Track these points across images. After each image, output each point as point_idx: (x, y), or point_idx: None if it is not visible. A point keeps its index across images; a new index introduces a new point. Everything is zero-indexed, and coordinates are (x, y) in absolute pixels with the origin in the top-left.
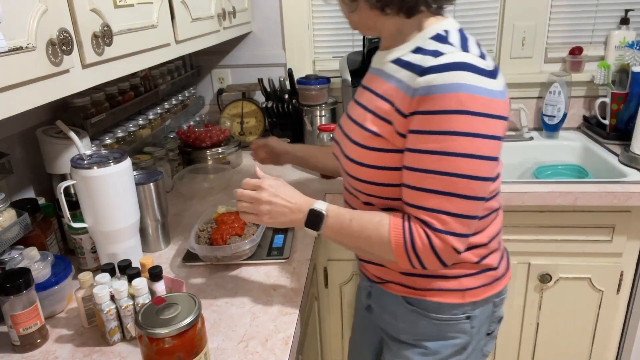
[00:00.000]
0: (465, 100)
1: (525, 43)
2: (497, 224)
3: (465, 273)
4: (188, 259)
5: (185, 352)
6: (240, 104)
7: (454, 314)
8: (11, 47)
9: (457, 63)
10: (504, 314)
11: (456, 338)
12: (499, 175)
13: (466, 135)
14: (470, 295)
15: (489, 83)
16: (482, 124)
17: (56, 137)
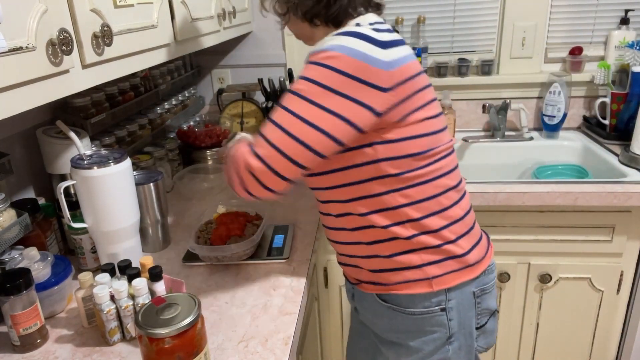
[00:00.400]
0: (336, 57)
1: (525, 43)
2: (462, 207)
3: (429, 260)
4: (188, 259)
5: (185, 352)
6: (240, 104)
7: (427, 306)
8: (11, 47)
9: (346, 31)
10: (498, 306)
11: (435, 332)
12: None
13: (321, 87)
14: (438, 283)
15: (371, 49)
16: (342, 82)
17: (56, 137)
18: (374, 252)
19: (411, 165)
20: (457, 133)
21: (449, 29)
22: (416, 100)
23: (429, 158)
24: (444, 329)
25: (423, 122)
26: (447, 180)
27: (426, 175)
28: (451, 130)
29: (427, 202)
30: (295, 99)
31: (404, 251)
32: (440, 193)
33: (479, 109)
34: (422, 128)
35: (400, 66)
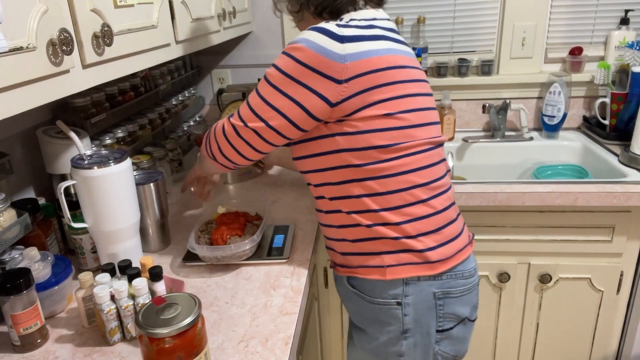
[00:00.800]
0: (300, 50)
1: (525, 43)
2: (431, 206)
3: (385, 250)
4: (188, 259)
5: (185, 352)
6: (240, 104)
7: (384, 297)
8: (12, 47)
9: (313, 27)
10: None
11: (390, 324)
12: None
13: (284, 75)
14: (391, 273)
15: (328, 43)
16: (300, 72)
17: (56, 137)
18: (342, 236)
19: (374, 158)
20: (457, 133)
21: (449, 29)
22: (374, 94)
23: (394, 152)
24: (398, 323)
25: (383, 117)
26: (413, 177)
27: (389, 169)
28: (451, 130)
29: (388, 195)
30: (264, 83)
31: (365, 238)
32: (404, 189)
33: (479, 109)
34: (383, 122)
35: (357, 60)
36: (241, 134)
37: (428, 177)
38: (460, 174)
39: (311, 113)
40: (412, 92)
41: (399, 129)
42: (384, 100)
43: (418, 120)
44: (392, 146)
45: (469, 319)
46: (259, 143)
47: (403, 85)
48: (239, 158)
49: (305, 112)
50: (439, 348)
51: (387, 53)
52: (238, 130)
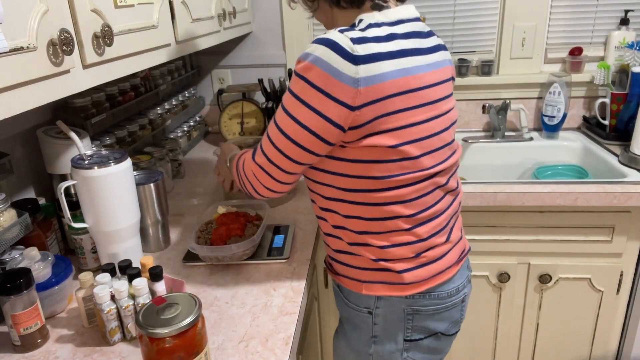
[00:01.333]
0: (309, 69)
1: (525, 43)
2: (414, 234)
3: (364, 266)
4: (188, 259)
5: (185, 352)
6: (240, 105)
7: (358, 304)
8: (12, 48)
9: (324, 39)
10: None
11: (361, 328)
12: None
13: (295, 98)
14: (367, 289)
15: (342, 64)
16: (313, 95)
17: (57, 137)
18: (327, 242)
19: (364, 186)
20: (457, 133)
21: (449, 29)
22: (382, 123)
23: (386, 184)
24: (368, 328)
25: (385, 148)
26: (400, 209)
27: (377, 199)
28: None
29: (372, 222)
30: (280, 111)
31: (346, 252)
32: (387, 218)
33: (479, 109)
34: (386, 154)
35: (370, 85)
36: (267, 170)
37: (416, 208)
38: (460, 174)
39: (323, 138)
40: (420, 119)
41: (396, 161)
42: (388, 131)
43: (419, 151)
44: (385, 178)
45: (443, 334)
46: (280, 175)
47: (412, 112)
48: (270, 193)
49: (317, 137)
50: (407, 355)
51: (401, 75)
52: (265, 168)
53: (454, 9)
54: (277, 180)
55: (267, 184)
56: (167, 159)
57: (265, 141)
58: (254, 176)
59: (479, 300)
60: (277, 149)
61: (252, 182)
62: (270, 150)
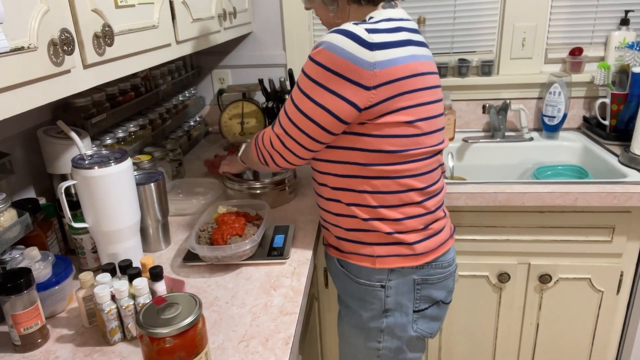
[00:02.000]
0: (324, 54)
1: (526, 44)
2: (425, 206)
3: (378, 242)
4: (188, 259)
5: (186, 351)
6: (240, 105)
7: (370, 280)
8: (13, 48)
9: (339, 29)
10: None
11: (373, 303)
12: (428, 155)
13: (313, 82)
14: (381, 262)
15: (357, 50)
16: (331, 79)
17: (57, 137)
18: (337, 223)
19: (380, 160)
20: (457, 133)
21: (449, 30)
22: (399, 102)
23: (401, 158)
24: (380, 303)
25: (403, 124)
26: (413, 182)
27: (393, 173)
28: (451, 130)
29: (387, 195)
30: (296, 90)
31: (360, 229)
32: (402, 191)
33: (479, 109)
34: (401, 129)
35: (385, 68)
36: (285, 142)
37: (426, 182)
38: (460, 174)
39: (341, 118)
40: (427, 99)
41: (410, 137)
42: (405, 108)
43: (428, 128)
44: (400, 152)
45: (443, 302)
46: (299, 150)
47: (421, 93)
48: (287, 164)
49: (334, 117)
50: (416, 327)
51: (410, 60)
52: (282, 139)
53: (454, 9)
54: (295, 154)
55: (285, 155)
56: (168, 159)
57: (283, 118)
58: (272, 147)
59: (479, 300)
60: (296, 126)
61: (270, 153)
62: (290, 127)
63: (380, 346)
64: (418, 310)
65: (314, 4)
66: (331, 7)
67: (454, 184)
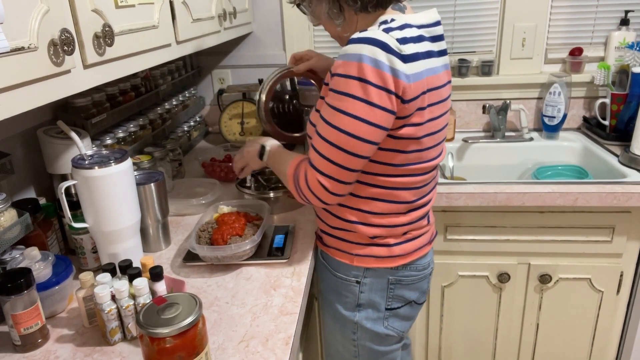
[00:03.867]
0: (366, 69)
1: (525, 44)
2: (410, 216)
3: (359, 242)
4: (189, 259)
5: (186, 351)
6: (240, 105)
7: (346, 274)
8: (13, 48)
9: (369, 38)
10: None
11: (347, 297)
12: (425, 171)
13: (359, 100)
14: (358, 261)
15: (394, 62)
16: (376, 93)
17: (57, 137)
18: (323, 217)
19: (382, 171)
20: (457, 133)
21: (449, 30)
22: (414, 117)
23: (401, 171)
24: (354, 297)
25: (411, 140)
26: (406, 194)
27: (390, 184)
28: (451, 130)
29: (379, 202)
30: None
31: (343, 229)
32: (394, 201)
33: (479, 109)
34: (406, 144)
35: (414, 81)
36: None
37: (417, 195)
38: (460, 174)
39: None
40: (435, 115)
41: (413, 152)
42: (418, 124)
43: (431, 143)
44: (401, 166)
45: (415, 302)
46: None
47: (432, 108)
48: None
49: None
50: (387, 323)
51: (429, 74)
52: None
53: (454, 9)
54: (345, 182)
55: (335, 189)
56: (168, 159)
57: (323, 147)
58: (322, 187)
59: (479, 300)
60: (347, 152)
61: (319, 195)
62: (339, 156)
63: (355, 337)
64: (390, 308)
65: (321, 20)
66: (337, 22)
67: (454, 184)
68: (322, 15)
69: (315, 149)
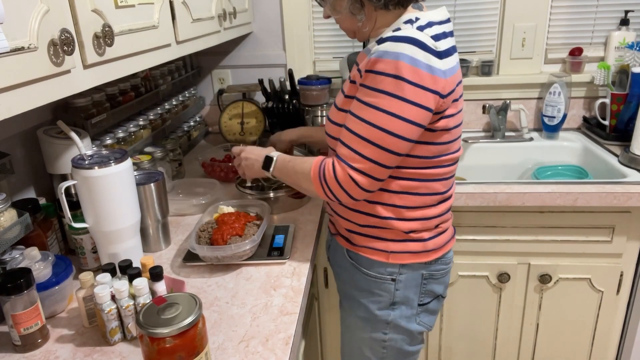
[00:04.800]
0: (403, 68)
1: (525, 44)
2: (440, 208)
3: (393, 238)
4: (188, 259)
5: (186, 351)
6: (240, 105)
7: (381, 273)
8: (13, 48)
9: (406, 37)
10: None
11: (381, 295)
12: (453, 161)
13: (395, 97)
14: (394, 258)
15: (431, 60)
16: (412, 91)
17: (57, 138)
18: (351, 218)
19: (415, 164)
20: None
21: None
22: (450, 109)
23: (433, 163)
24: (389, 295)
25: (443, 131)
26: (438, 185)
27: (424, 176)
28: None
29: (413, 196)
30: (372, 111)
31: (376, 226)
32: (428, 194)
33: (479, 109)
34: (438, 136)
35: (449, 76)
36: (371, 173)
37: (447, 186)
38: (461, 174)
39: (424, 126)
40: (460, 108)
41: (446, 143)
42: (451, 115)
43: (458, 134)
44: (432, 158)
45: (441, 296)
46: (377, 170)
47: (460, 100)
48: (367, 194)
49: (420, 127)
50: (419, 319)
51: (457, 68)
52: (368, 172)
53: (454, 9)
54: (378, 179)
55: (367, 185)
56: (168, 159)
57: (355, 143)
58: (354, 183)
59: (479, 300)
60: (382, 148)
61: (348, 190)
62: (373, 152)
63: (386, 337)
64: (422, 304)
65: (341, 14)
66: (359, 17)
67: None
68: (343, 10)
69: (347, 145)
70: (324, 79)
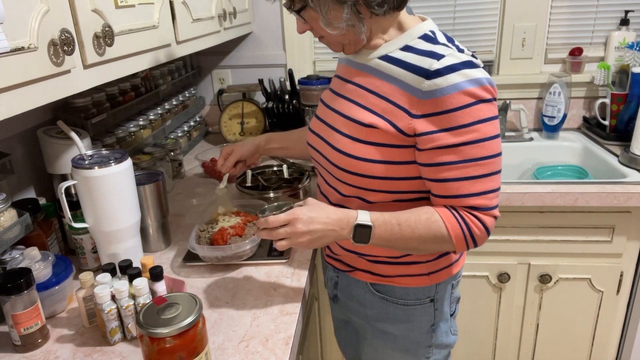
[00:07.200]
0: (475, 91)
1: (525, 44)
2: None
3: (427, 259)
4: (189, 259)
5: (186, 351)
6: (240, 105)
7: (419, 297)
8: (13, 48)
9: (458, 64)
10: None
11: (421, 321)
12: None
13: (489, 120)
14: (434, 278)
15: (484, 74)
16: (491, 107)
17: (57, 137)
18: (381, 252)
19: None
20: None
21: (449, 30)
22: None
23: None
24: (429, 317)
25: None
26: None
27: None
28: None
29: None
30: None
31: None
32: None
33: None
34: None
35: None
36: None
37: None
38: None
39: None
40: None
41: None
42: None
43: None
44: None
45: (459, 299)
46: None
47: None
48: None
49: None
50: (453, 329)
51: None
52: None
53: (454, 9)
54: (499, 188)
55: (494, 212)
56: (168, 159)
57: (490, 184)
58: (495, 220)
59: (479, 300)
60: (497, 173)
61: (491, 231)
62: (493, 182)
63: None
64: (452, 313)
65: (338, 28)
66: (361, 28)
67: None
68: (342, 24)
69: (475, 194)
70: (324, 79)
